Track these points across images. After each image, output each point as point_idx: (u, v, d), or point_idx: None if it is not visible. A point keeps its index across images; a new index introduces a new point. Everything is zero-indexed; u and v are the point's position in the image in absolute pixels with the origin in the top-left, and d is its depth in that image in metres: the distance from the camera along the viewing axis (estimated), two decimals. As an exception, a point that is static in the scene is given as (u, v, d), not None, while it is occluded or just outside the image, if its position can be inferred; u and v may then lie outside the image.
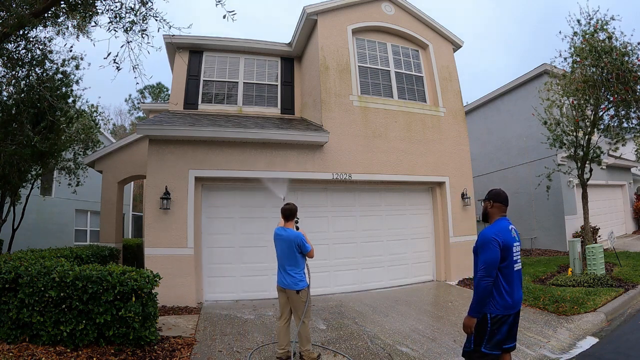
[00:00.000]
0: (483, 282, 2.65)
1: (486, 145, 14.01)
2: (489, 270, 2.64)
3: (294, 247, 3.88)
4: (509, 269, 2.71)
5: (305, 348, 3.86)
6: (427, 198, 8.28)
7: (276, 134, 6.81)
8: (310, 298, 3.97)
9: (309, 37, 8.36)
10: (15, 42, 6.51)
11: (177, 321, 5.20)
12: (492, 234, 2.71)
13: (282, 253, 3.99)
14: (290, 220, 4.09)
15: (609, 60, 6.97)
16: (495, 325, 2.67)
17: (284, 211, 4.11)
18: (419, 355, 4.07)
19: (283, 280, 3.93)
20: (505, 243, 2.68)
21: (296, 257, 3.91)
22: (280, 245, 4.00)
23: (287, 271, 3.90)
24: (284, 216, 4.10)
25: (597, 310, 5.19)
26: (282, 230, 4.03)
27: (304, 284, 3.90)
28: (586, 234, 8.25)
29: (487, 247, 2.67)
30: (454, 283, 7.55)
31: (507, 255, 2.68)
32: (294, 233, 3.96)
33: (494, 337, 2.68)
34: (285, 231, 3.99)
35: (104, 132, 16.45)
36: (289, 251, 3.91)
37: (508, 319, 2.71)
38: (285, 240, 3.94)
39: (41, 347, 3.76)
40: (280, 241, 3.99)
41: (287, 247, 3.93)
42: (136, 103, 31.71)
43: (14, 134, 7.31)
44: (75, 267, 4.06)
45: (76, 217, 15.39)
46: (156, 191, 6.32)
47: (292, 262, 3.90)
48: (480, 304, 2.66)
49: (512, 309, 2.70)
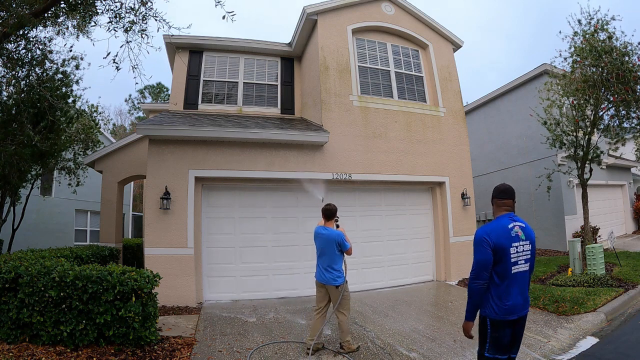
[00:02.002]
0: (473, 285, 2.52)
1: (486, 145, 14.01)
2: (478, 272, 2.50)
3: (334, 245, 4.12)
4: (505, 271, 2.50)
5: (346, 339, 4.09)
6: (427, 198, 8.28)
7: (276, 134, 6.80)
8: (348, 292, 4.21)
9: (309, 37, 8.36)
10: (15, 42, 6.51)
11: (177, 321, 5.20)
12: (483, 233, 2.54)
13: (322, 250, 4.21)
14: (331, 220, 4.34)
15: (609, 60, 6.97)
16: (495, 330, 2.52)
17: (324, 211, 4.37)
18: (419, 355, 4.06)
19: (322, 276, 4.16)
20: (498, 243, 2.49)
21: (335, 255, 4.14)
22: (321, 243, 4.22)
23: (327, 268, 4.13)
24: (325, 216, 4.35)
25: (597, 310, 5.19)
26: (322, 229, 4.27)
27: (342, 279, 4.13)
28: (586, 234, 8.25)
29: (477, 248, 2.53)
30: (454, 283, 7.55)
31: (501, 256, 2.49)
32: (335, 232, 4.21)
33: (497, 342, 2.53)
34: (326, 230, 4.23)
35: (104, 132, 16.46)
36: (329, 249, 4.14)
37: (509, 324, 2.52)
38: (326, 239, 4.17)
39: (41, 347, 3.76)
40: (321, 239, 4.22)
41: (327, 244, 4.15)
42: (136, 103, 31.73)
43: (14, 134, 7.31)
44: (75, 267, 4.06)
45: (76, 217, 15.39)
46: (156, 191, 6.32)
47: (332, 259, 4.13)
48: (473, 307, 2.54)
49: (511, 314, 2.49)
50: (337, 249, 4.13)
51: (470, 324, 2.57)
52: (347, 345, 4.09)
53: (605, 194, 13.27)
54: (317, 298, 4.27)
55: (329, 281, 4.10)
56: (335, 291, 4.10)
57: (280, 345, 4.35)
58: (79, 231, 15.57)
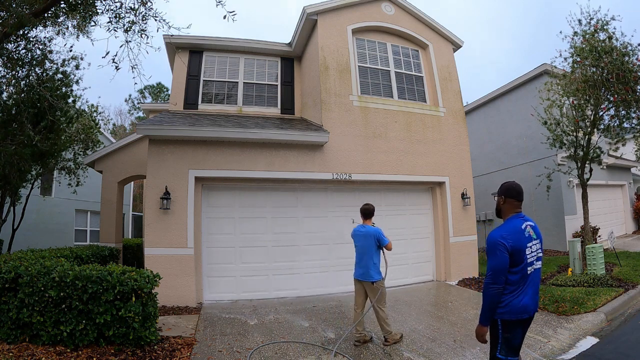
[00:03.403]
0: (490, 290, 2.47)
1: (486, 145, 14.01)
2: (495, 277, 2.46)
3: (373, 241, 4.31)
4: (522, 273, 2.49)
5: (387, 330, 4.28)
6: (427, 198, 8.27)
7: (276, 134, 6.80)
8: (384, 288, 4.37)
9: (309, 37, 8.35)
10: (15, 42, 6.51)
11: (177, 321, 5.20)
12: (499, 237, 2.49)
13: (360, 248, 4.43)
14: (369, 218, 4.57)
15: (609, 60, 6.97)
16: (507, 331, 2.51)
17: (363, 210, 4.59)
18: (419, 355, 4.06)
19: (360, 272, 4.37)
20: (515, 246, 2.46)
21: (373, 252, 4.33)
22: (359, 241, 4.44)
23: (365, 265, 4.33)
24: (363, 215, 4.59)
25: (597, 310, 5.19)
26: (361, 227, 4.51)
27: (379, 276, 4.32)
28: (586, 234, 8.25)
29: (494, 252, 2.48)
30: (454, 283, 7.55)
31: (518, 258, 2.47)
32: (373, 228, 4.42)
33: (509, 343, 2.51)
34: (365, 227, 4.47)
35: (104, 132, 16.47)
36: (367, 246, 4.34)
37: (521, 324, 2.52)
38: (365, 236, 4.38)
39: (41, 347, 3.76)
40: (360, 237, 4.44)
41: (366, 242, 4.36)
42: (136, 103, 31.73)
43: (14, 134, 7.32)
44: (75, 267, 4.06)
45: (76, 217, 15.39)
46: (156, 191, 6.32)
47: (370, 257, 4.32)
48: (489, 311, 2.51)
49: (524, 313, 2.49)
50: (375, 244, 4.31)
51: (485, 328, 2.55)
52: (391, 337, 4.27)
53: (605, 194, 13.27)
54: (355, 294, 4.50)
55: (366, 277, 4.30)
56: (371, 287, 4.29)
57: (280, 345, 4.35)
58: (79, 231, 15.57)
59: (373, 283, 4.27)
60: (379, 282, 4.30)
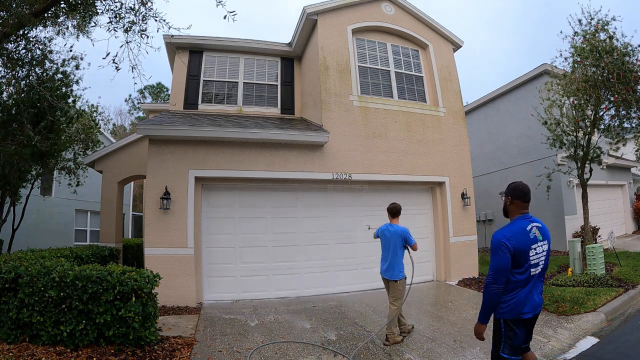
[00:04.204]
0: (490, 289, 2.49)
1: (486, 145, 14.00)
2: (496, 277, 2.47)
3: (400, 240, 4.42)
4: (525, 274, 2.50)
5: (391, 330, 4.36)
6: (427, 198, 8.27)
7: (276, 134, 6.80)
8: (404, 287, 4.48)
9: (309, 37, 8.35)
10: (15, 42, 6.51)
11: (177, 321, 5.20)
12: (503, 237, 2.50)
13: (387, 247, 4.52)
14: (396, 217, 4.64)
15: (610, 60, 6.97)
16: (509, 330, 2.53)
17: (391, 209, 4.67)
18: (419, 355, 4.06)
19: (385, 270, 4.52)
20: (518, 247, 2.47)
21: (399, 250, 4.43)
22: (386, 239, 4.53)
23: (390, 263, 4.45)
24: (391, 213, 4.67)
25: (597, 310, 5.18)
26: (388, 226, 4.59)
27: (402, 275, 4.43)
28: (586, 234, 8.25)
29: (496, 252, 2.49)
30: (454, 283, 7.55)
31: (522, 259, 2.48)
32: (401, 227, 4.50)
33: (512, 342, 2.53)
34: (392, 227, 4.54)
35: (104, 132, 16.47)
36: (394, 244, 4.43)
37: (523, 323, 2.54)
38: (393, 235, 4.46)
39: (41, 347, 3.76)
40: (387, 236, 4.52)
41: (393, 240, 4.45)
42: (136, 103, 31.73)
43: (14, 134, 7.31)
44: (75, 267, 4.06)
45: (76, 217, 15.40)
46: (156, 191, 6.32)
47: (395, 255, 4.43)
48: (488, 310, 2.54)
49: (527, 313, 2.51)
50: (401, 243, 4.42)
51: (484, 326, 2.58)
52: (392, 337, 4.33)
53: (605, 194, 13.26)
54: (386, 290, 4.65)
55: (390, 276, 4.44)
56: (394, 284, 4.42)
57: (280, 345, 4.35)
58: (79, 231, 15.57)
59: (396, 281, 4.39)
60: (402, 281, 4.42)
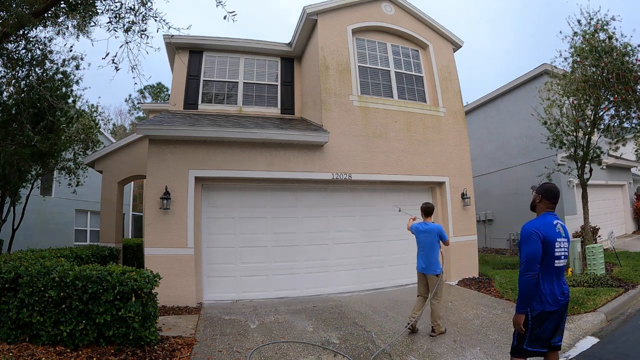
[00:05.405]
0: (525, 277, 2.60)
1: (486, 145, 14.01)
2: (530, 265, 2.59)
3: (436, 237, 4.64)
4: (550, 265, 2.65)
5: (437, 322, 4.58)
6: (427, 198, 8.26)
7: (276, 134, 6.80)
8: (443, 282, 4.67)
9: (309, 37, 8.35)
10: (15, 42, 6.51)
11: (177, 321, 5.20)
12: (533, 227, 2.67)
13: (423, 244, 4.73)
14: (429, 216, 4.87)
15: (609, 60, 6.97)
16: (536, 322, 2.61)
17: (424, 209, 4.91)
18: (419, 355, 4.06)
19: (423, 266, 4.71)
20: (547, 237, 2.64)
21: (435, 246, 4.66)
22: (422, 237, 4.73)
23: (427, 259, 4.66)
24: (425, 212, 4.90)
25: (597, 310, 5.19)
26: (423, 224, 4.80)
27: (440, 269, 4.64)
28: (586, 234, 8.25)
29: (528, 240, 2.63)
30: (454, 283, 7.54)
31: (548, 249, 2.63)
32: (435, 225, 4.74)
33: (537, 334, 2.61)
34: (427, 224, 4.76)
35: (104, 132, 16.47)
36: (429, 241, 4.66)
37: (550, 315, 2.62)
38: (428, 232, 4.68)
39: (41, 347, 3.76)
40: (423, 233, 4.73)
41: (428, 237, 4.66)
42: (136, 103, 31.73)
43: (14, 134, 7.31)
44: (75, 267, 4.06)
45: (76, 217, 15.39)
46: (156, 191, 6.32)
47: (432, 250, 4.65)
48: (525, 298, 2.61)
49: (554, 304, 2.61)
50: (437, 239, 4.64)
51: (522, 316, 2.62)
52: (437, 328, 4.56)
53: (605, 194, 13.26)
54: (418, 285, 4.84)
55: (429, 271, 4.63)
56: (434, 279, 4.60)
57: (280, 345, 4.35)
58: (79, 231, 15.57)
59: (437, 275, 4.58)
60: (440, 275, 4.63)
